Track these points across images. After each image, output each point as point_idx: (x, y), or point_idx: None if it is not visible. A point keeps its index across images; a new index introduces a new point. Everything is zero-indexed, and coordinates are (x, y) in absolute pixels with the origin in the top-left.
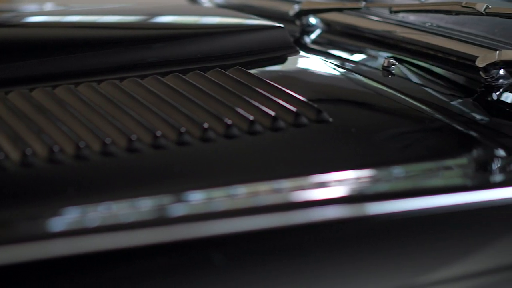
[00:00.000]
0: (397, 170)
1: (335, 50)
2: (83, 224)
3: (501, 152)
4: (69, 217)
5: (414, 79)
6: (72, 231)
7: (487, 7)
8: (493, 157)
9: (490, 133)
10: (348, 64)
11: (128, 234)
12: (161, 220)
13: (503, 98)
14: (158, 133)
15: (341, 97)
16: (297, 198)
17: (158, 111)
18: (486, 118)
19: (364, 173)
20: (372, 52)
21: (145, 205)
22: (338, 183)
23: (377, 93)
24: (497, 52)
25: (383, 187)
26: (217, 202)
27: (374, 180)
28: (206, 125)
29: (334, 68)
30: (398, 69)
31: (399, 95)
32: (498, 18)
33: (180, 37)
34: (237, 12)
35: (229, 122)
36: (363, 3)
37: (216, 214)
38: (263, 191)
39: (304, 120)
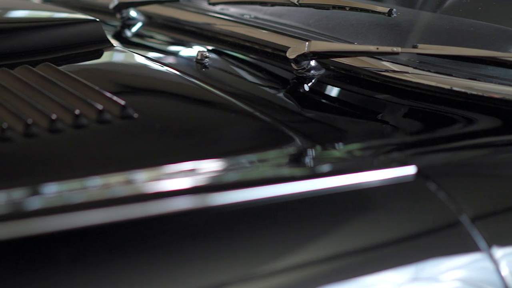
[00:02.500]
0: (205, 164)
1: (153, 44)
2: None
3: (312, 143)
4: None
5: (229, 71)
6: None
7: None
8: (306, 148)
9: (301, 124)
10: (163, 57)
11: None
12: None
13: (315, 89)
14: None
15: (150, 92)
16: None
17: None
18: (297, 110)
19: (172, 168)
20: (191, 45)
21: None
22: (144, 180)
23: (188, 86)
24: (307, 43)
25: (188, 182)
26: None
27: (181, 174)
28: (5, 125)
29: (146, 63)
30: (214, 61)
31: (209, 88)
32: (312, 9)
33: None
34: (53, 6)
35: (30, 121)
36: None
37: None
38: (65, 190)
39: (107, 116)
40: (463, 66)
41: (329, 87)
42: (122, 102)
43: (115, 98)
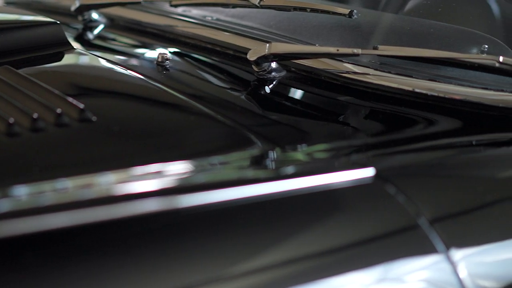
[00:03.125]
0: (165, 167)
1: (115, 46)
2: None
3: (273, 145)
4: None
5: (190, 74)
6: None
7: (261, 0)
8: (266, 150)
9: (262, 126)
10: (124, 60)
11: None
12: None
13: (276, 90)
14: None
15: (109, 95)
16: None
17: None
18: (258, 112)
19: (130, 171)
20: (153, 47)
21: None
22: (100, 184)
23: (148, 89)
24: (267, 45)
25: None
26: None
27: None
28: None
29: (107, 65)
30: (175, 64)
31: (170, 90)
32: (274, 11)
33: None
34: (14, 9)
35: None
36: None
37: None
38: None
39: (66, 119)
40: (424, 67)
41: (290, 88)
42: (81, 106)
43: (74, 101)
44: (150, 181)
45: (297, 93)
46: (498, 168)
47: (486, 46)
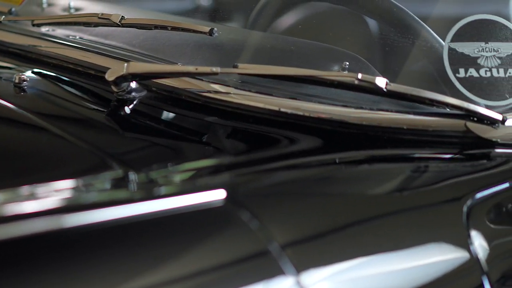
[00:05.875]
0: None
1: None
2: None
3: (128, 168)
4: None
5: (50, 95)
6: None
7: (122, 18)
8: (121, 172)
9: (119, 148)
10: None
11: None
12: None
13: (136, 111)
14: None
15: None
16: None
17: None
18: (116, 133)
19: None
20: (13, 68)
21: None
22: None
23: (2, 111)
24: (125, 64)
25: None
26: None
27: None
28: None
29: None
30: (35, 84)
31: (25, 113)
32: (136, 29)
33: None
34: None
35: None
36: (2, 17)
37: None
38: None
39: None
40: (285, 86)
41: (150, 109)
42: None
43: None
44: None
45: (157, 113)
46: (357, 187)
47: (347, 63)
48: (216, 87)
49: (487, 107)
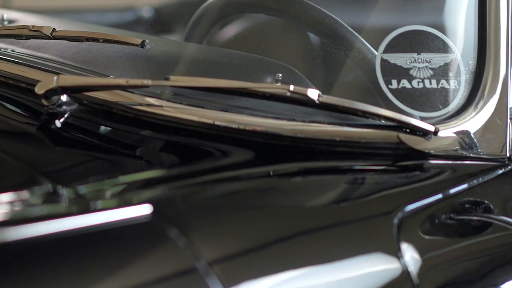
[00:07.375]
0: None
1: None
2: None
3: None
4: None
5: None
6: None
7: (53, 30)
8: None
9: (48, 163)
10: None
11: None
12: None
13: (67, 125)
14: None
15: None
16: None
17: None
18: (46, 147)
19: None
20: None
21: None
22: None
23: None
24: (55, 77)
25: None
26: None
27: None
28: None
29: None
30: None
31: None
32: (69, 42)
33: None
34: None
35: None
36: None
37: None
38: None
39: None
40: (217, 98)
41: (82, 122)
42: None
43: None
44: None
45: (89, 127)
46: (288, 200)
47: (280, 74)
48: (149, 100)
49: (421, 118)
